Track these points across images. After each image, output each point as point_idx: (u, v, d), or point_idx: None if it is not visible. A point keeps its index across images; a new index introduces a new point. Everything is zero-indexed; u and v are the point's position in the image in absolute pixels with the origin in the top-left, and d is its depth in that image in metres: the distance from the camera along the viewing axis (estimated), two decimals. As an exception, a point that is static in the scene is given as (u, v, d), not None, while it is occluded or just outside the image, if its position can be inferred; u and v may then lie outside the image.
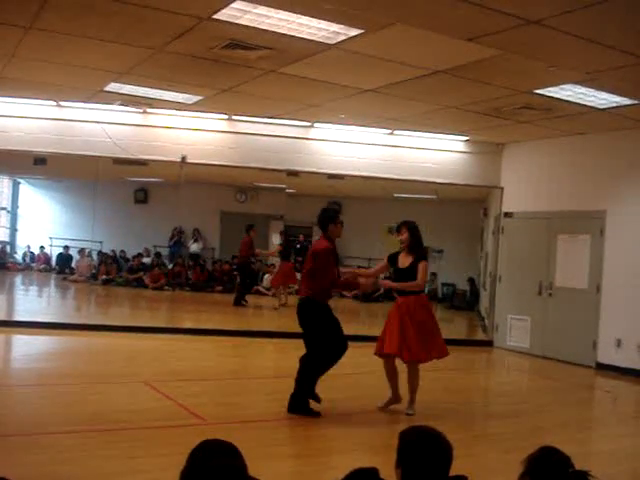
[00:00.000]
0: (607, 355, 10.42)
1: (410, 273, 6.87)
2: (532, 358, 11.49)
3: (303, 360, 6.63)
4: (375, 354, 6.98)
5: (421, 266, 6.84)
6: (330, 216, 6.76)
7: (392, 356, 6.89)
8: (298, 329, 6.79)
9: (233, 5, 6.09)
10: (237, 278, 17.28)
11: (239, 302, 15.35)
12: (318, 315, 6.60)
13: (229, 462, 2.08)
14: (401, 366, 6.99)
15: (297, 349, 6.87)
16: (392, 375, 7.01)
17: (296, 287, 16.10)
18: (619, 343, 10.24)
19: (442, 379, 9.09)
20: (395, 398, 7.02)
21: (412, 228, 6.99)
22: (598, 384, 10.02)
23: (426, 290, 7.53)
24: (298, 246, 16.60)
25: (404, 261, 6.94)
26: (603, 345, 10.51)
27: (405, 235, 6.93)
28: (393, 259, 7.05)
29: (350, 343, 6.74)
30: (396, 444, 2.46)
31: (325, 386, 6.75)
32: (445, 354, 6.98)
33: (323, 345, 6.54)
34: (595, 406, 9.01)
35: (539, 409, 7.92)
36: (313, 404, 6.59)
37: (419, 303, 6.90)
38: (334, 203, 21.55)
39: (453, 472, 2.42)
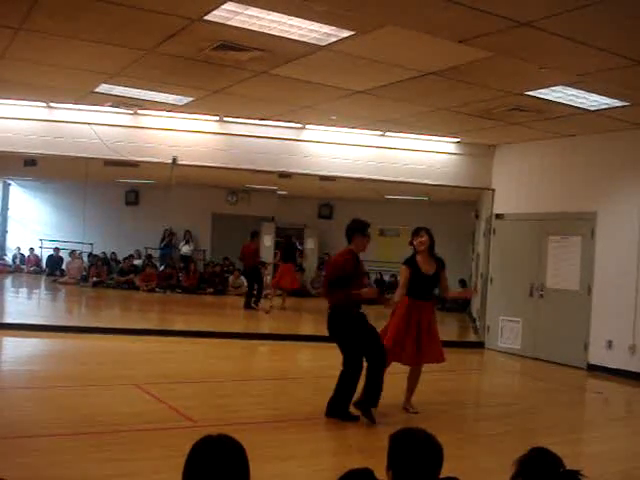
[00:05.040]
0: (598, 356, 10.44)
1: (435, 280, 7.01)
2: (523, 359, 11.50)
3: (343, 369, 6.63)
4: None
5: (444, 274, 7.08)
6: (357, 227, 6.54)
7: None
8: (291, 332, 6.81)
9: (224, 6, 6.07)
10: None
11: (249, 305, 15.30)
12: (345, 325, 6.48)
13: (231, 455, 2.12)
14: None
15: (289, 351, 6.88)
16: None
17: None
18: (610, 344, 10.26)
19: (433, 380, 9.08)
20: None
21: (430, 232, 7.10)
22: (589, 385, 10.04)
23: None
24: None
25: (427, 267, 6.96)
26: (594, 346, 10.53)
27: (425, 237, 6.99)
28: (413, 263, 6.98)
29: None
30: (387, 446, 2.46)
31: (313, 389, 6.73)
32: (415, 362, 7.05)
33: (354, 355, 6.43)
34: (586, 407, 9.03)
35: (530, 410, 7.93)
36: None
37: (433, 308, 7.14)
38: (326, 205, 21.65)
39: (444, 473, 2.42)
